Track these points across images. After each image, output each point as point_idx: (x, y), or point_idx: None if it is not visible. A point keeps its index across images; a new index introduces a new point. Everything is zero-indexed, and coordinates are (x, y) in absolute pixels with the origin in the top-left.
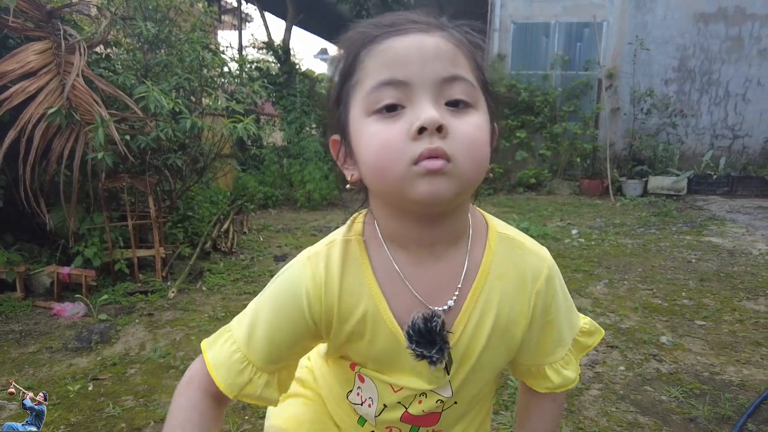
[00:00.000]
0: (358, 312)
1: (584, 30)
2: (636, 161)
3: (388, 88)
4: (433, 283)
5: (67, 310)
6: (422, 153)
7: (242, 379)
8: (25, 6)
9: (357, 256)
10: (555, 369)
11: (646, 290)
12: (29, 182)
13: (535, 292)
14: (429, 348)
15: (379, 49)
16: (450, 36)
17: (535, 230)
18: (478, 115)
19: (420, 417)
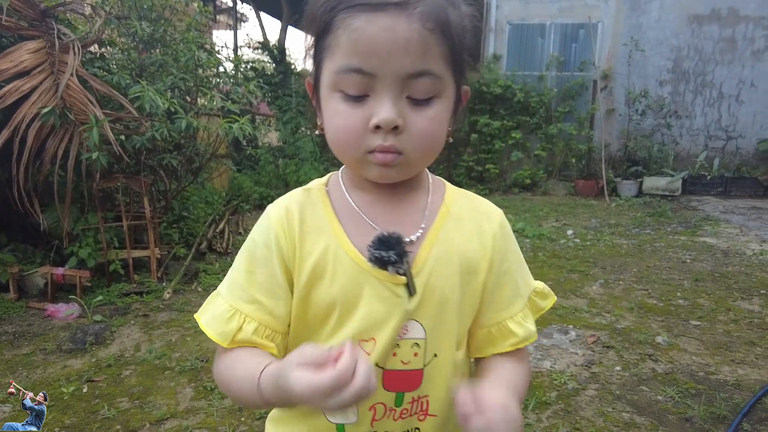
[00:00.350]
0: (319, 246)
1: (579, 31)
2: (631, 162)
3: (354, 75)
4: (396, 221)
5: (62, 311)
6: (376, 148)
7: (232, 327)
8: (19, 5)
9: (318, 199)
10: (517, 322)
11: (642, 290)
12: (23, 182)
13: (492, 234)
14: (387, 250)
15: (353, 26)
16: (428, 15)
17: (531, 231)
18: (438, 104)
19: (401, 376)
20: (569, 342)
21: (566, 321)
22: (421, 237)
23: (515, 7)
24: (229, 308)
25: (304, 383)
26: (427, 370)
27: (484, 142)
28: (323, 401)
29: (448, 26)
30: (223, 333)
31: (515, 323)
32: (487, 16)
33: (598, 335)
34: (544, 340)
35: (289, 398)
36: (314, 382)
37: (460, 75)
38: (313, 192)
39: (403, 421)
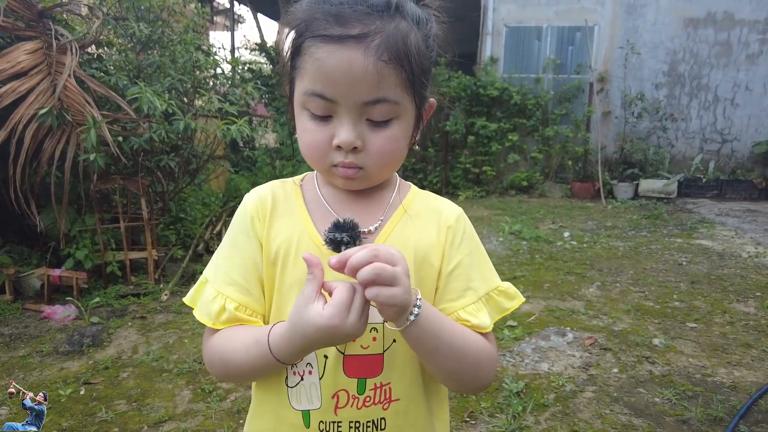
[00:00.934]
0: (286, 231)
1: (576, 34)
2: (627, 164)
3: (318, 99)
4: (357, 212)
5: (58, 313)
6: (338, 163)
7: (216, 307)
8: (16, 5)
9: (291, 191)
10: (468, 312)
11: (638, 293)
12: (19, 183)
13: (447, 226)
14: (341, 233)
15: (317, 55)
16: (385, 46)
17: (528, 232)
18: (396, 124)
19: (361, 361)
20: (567, 344)
21: (564, 323)
22: (378, 228)
23: (512, 10)
24: (213, 291)
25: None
26: (387, 356)
27: (481, 144)
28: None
29: (405, 55)
30: (208, 314)
31: (467, 313)
32: (484, 19)
33: (595, 337)
34: (542, 343)
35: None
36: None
37: (421, 95)
38: (288, 184)
39: (367, 409)
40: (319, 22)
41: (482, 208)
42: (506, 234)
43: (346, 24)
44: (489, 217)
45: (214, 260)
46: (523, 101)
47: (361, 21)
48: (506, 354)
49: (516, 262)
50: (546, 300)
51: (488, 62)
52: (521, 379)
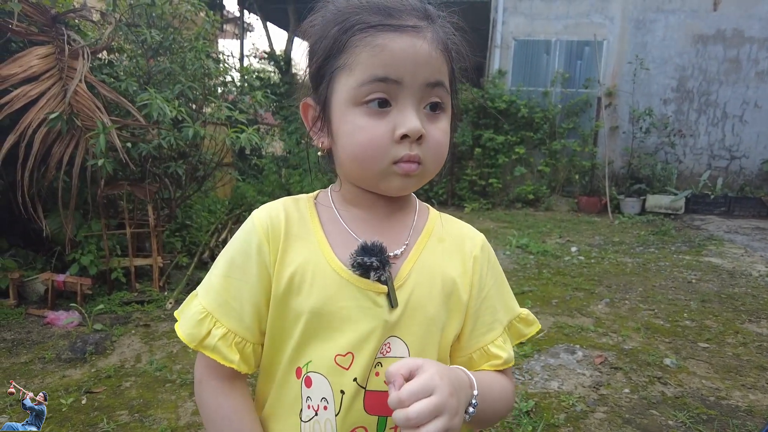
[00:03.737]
0: (301, 255)
1: (585, 48)
2: (634, 179)
3: (380, 84)
4: (381, 236)
5: (61, 319)
6: (402, 157)
7: (201, 330)
8: (30, 10)
9: (306, 210)
10: (498, 346)
11: (648, 310)
12: (27, 187)
13: (473, 256)
14: (369, 257)
15: (375, 43)
16: (438, 38)
17: (535, 246)
18: (446, 118)
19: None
20: (576, 362)
21: (573, 340)
22: (404, 253)
23: (521, 23)
24: (201, 310)
25: None
26: None
27: (488, 156)
28: None
29: (450, 51)
30: (191, 334)
31: (497, 347)
32: (492, 32)
33: (605, 356)
34: (551, 360)
35: None
36: None
37: (456, 96)
38: (302, 202)
39: None
40: (368, 15)
41: (488, 220)
42: (513, 247)
43: (400, 17)
44: (495, 230)
45: (209, 278)
46: (531, 114)
47: (411, 15)
48: (515, 371)
49: (524, 276)
50: (555, 316)
51: (496, 75)
52: (531, 397)
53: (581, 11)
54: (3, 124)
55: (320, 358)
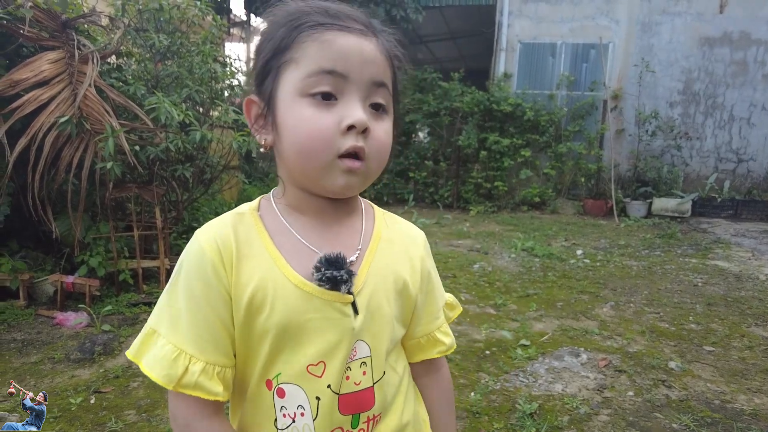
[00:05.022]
0: (256, 274)
1: (590, 51)
2: (640, 182)
3: (327, 77)
4: (334, 243)
5: (70, 320)
6: (348, 149)
7: (177, 369)
8: (41, 16)
9: (251, 224)
10: (443, 332)
11: (653, 313)
12: (37, 190)
13: (419, 257)
14: (337, 269)
15: (323, 38)
16: (381, 45)
17: (540, 250)
18: (389, 121)
19: (355, 397)
20: (580, 365)
21: (577, 343)
22: (359, 258)
23: (526, 26)
24: (173, 349)
25: None
26: (377, 388)
27: (493, 159)
28: None
29: (393, 61)
30: (168, 375)
31: (442, 333)
32: (498, 35)
33: (609, 359)
34: (556, 363)
35: None
36: None
37: (397, 103)
38: (246, 216)
39: None
40: (317, 16)
41: (494, 223)
42: (518, 250)
43: (345, 20)
44: (501, 233)
45: (165, 309)
46: (537, 117)
47: (357, 21)
48: (519, 374)
49: (529, 279)
50: (559, 319)
51: (502, 78)
52: (534, 400)
53: (587, 14)
54: (14, 128)
55: (291, 369)
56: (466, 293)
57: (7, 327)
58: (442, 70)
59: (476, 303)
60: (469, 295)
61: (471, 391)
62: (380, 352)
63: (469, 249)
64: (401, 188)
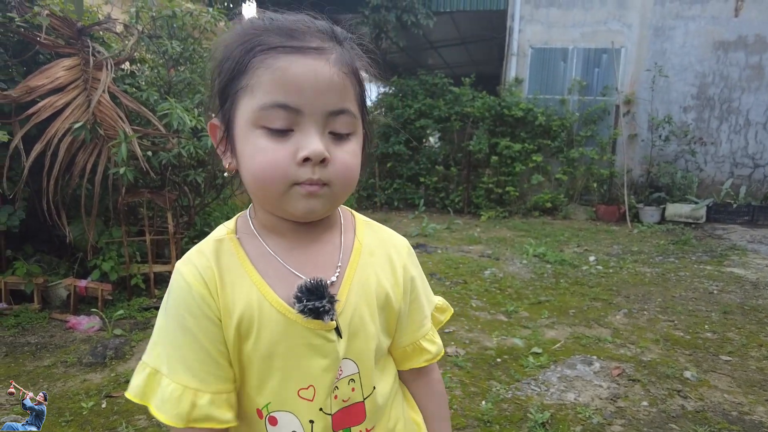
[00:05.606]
0: (241, 301)
1: (602, 56)
2: (653, 188)
3: (280, 111)
4: (314, 262)
5: (83, 324)
6: (305, 181)
7: (185, 406)
8: (58, 23)
9: (231, 251)
10: (429, 340)
11: (667, 321)
12: (52, 195)
13: (402, 266)
14: (319, 299)
15: (276, 66)
16: (342, 61)
17: (552, 256)
18: (354, 141)
19: (345, 413)
20: (593, 374)
21: (590, 351)
22: (339, 277)
23: (538, 31)
24: (176, 387)
25: None
26: (368, 402)
27: (505, 164)
28: None
29: (357, 72)
30: (177, 415)
31: (427, 341)
32: (509, 40)
33: (623, 367)
34: (568, 371)
35: None
36: None
37: (366, 117)
38: (225, 243)
39: None
40: (271, 37)
41: (505, 228)
42: (530, 256)
43: (303, 38)
44: (512, 239)
45: (161, 347)
46: (548, 122)
47: (316, 36)
48: (531, 382)
49: (540, 286)
50: (572, 326)
51: (513, 83)
52: (546, 409)
53: (599, 19)
54: (30, 134)
55: (280, 397)
56: (476, 299)
57: (21, 330)
58: (453, 75)
59: (487, 310)
60: (480, 301)
61: (482, 400)
62: (367, 367)
63: (480, 255)
64: (412, 193)
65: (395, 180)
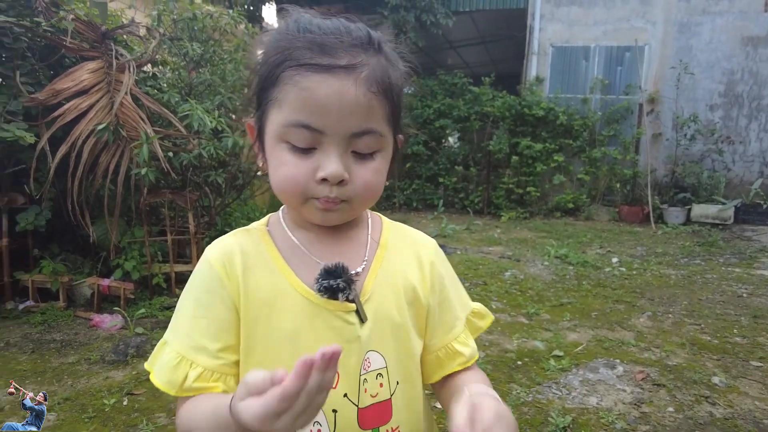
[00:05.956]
0: (265, 283)
1: (625, 54)
2: (678, 188)
3: (303, 131)
4: (340, 255)
5: (106, 322)
6: (321, 199)
7: (179, 375)
8: (82, 28)
9: (260, 239)
10: (461, 342)
11: (694, 325)
12: (76, 195)
13: (429, 262)
14: (334, 279)
15: (303, 85)
16: (373, 78)
17: (575, 257)
18: (380, 158)
19: (374, 410)
20: (616, 377)
21: (612, 355)
22: (365, 268)
23: (558, 29)
24: (175, 356)
25: (250, 411)
26: (394, 399)
27: (525, 164)
28: (273, 425)
29: (389, 88)
30: (170, 381)
31: (460, 344)
32: (529, 39)
33: (647, 371)
34: (590, 375)
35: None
36: (259, 407)
37: (400, 129)
38: (254, 232)
39: None
40: (302, 51)
41: (526, 230)
42: (552, 258)
43: (334, 54)
44: (533, 240)
45: (177, 322)
46: (570, 122)
47: (348, 52)
48: (552, 385)
49: (562, 288)
50: (594, 329)
51: (533, 82)
52: (568, 413)
53: (621, 16)
54: (56, 136)
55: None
56: (497, 301)
57: (47, 327)
58: (473, 74)
59: (507, 312)
60: (500, 303)
61: None
62: (397, 362)
63: (501, 256)
64: (431, 194)
65: (414, 180)
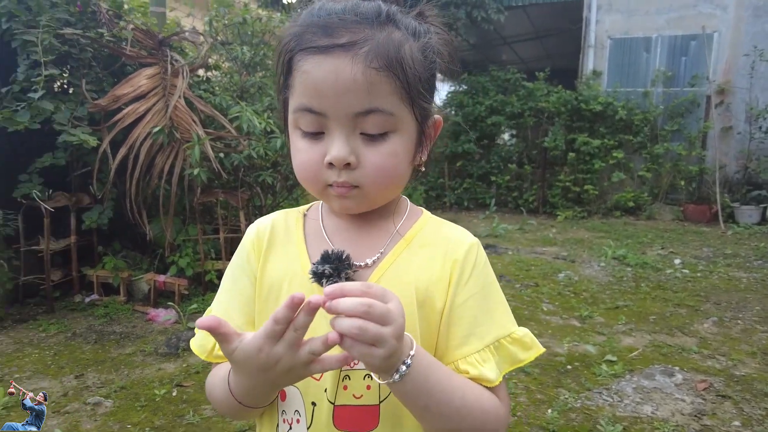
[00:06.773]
0: (281, 266)
1: (690, 43)
2: (752, 185)
3: (307, 115)
4: (357, 244)
5: (161, 316)
6: (332, 183)
7: (210, 341)
8: (141, 36)
9: (293, 222)
10: (469, 362)
11: (766, 333)
12: (134, 195)
13: (453, 259)
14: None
15: (303, 68)
16: (375, 53)
17: (633, 258)
18: (394, 139)
19: (353, 412)
20: (675, 386)
21: (671, 361)
22: (377, 261)
23: (617, 20)
24: None
25: (249, 340)
26: (384, 408)
27: (583, 161)
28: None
29: (398, 62)
30: (201, 346)
31: (467, 363)
32: (586, 31)
33: (710, 381)
34: (645, 382)
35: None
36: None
37: (421, 107)
38: (292, 214)
39: None
40: (307, 36)
41: (582, 230)
42: (609, 259)
43: (334, 34)
44: (590, 240)
45: (218, 291)
46: (630, 116)
47: (350, 30)
48: (603, 392)
49: (619, 290)
50: (651, 334)
51: (590, 76)
52: (619, 421)
53: (686, 3)
54: (116, 139)
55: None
56: (548, 303)
57: (109, 320)
58: (528, 70)
59: (559, 314)
60: (552, 305)
61: (548, 408)
62: None
63: (555, 257)
64: (482, 193)
65: (465, 179)
